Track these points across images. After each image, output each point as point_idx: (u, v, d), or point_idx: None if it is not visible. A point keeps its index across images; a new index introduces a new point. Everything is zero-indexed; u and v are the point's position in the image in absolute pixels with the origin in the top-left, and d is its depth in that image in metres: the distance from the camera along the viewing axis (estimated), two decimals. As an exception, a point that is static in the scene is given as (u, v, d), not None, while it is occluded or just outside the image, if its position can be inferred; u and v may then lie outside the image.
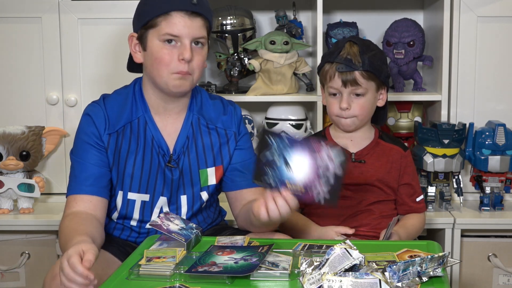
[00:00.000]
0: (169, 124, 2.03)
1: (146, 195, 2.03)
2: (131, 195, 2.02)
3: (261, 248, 1.73)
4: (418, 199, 2.24)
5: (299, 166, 1.70)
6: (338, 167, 1.71)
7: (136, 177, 2.00)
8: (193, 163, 2.03)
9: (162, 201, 2.04)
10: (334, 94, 2.14)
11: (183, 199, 2.04)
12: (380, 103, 2.18)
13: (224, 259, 1.66)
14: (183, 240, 1.76)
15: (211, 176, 2.06)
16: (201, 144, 2.04)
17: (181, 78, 1.94)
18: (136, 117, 2.01)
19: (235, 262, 1.64)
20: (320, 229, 2.13)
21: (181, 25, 1.91)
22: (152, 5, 1.93)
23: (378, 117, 2.24)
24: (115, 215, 2.06)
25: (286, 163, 1.69)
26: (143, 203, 2.03)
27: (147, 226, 2.03)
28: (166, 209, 2.03)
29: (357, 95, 2.11)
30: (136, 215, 2.04)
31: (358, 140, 2.20)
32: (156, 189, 2.02)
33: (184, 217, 2.02)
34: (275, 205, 1.74)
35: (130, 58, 2.06)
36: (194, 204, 2.06)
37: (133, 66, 2.09)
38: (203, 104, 2.08)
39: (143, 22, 1.95)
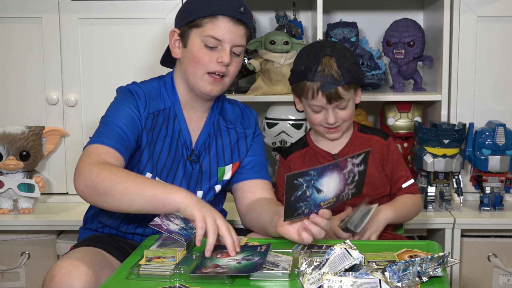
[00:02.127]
0: (194, 121, 2.07)
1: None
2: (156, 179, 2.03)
3: (259, 247, 1.73)
4: (405, 185, 2.19)
5: (330, 186, 1.74)
6: (361, 164, 1.78)
7: (161, 162, 2.02)
8: (213, 160, 2.08)
9: None
10: (318, 112, 2.13)
11: (199, 194, 2.07)
12: (357, 100, 2.17)
13: (226, 261, 1.66)
14: (183, 240, 1.76)
15: (228, 172, 2.10)
16: (221, 143, 2.09)
17: (214, 82, 1.98)
18: (168, 106, 2.05)
19: (238, 263, 1.64)
20: None
21: (225, 30, 1.95)
22: (201, 6, 1.97)
23: None
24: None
25: (318, 190, 1.73)
26: None
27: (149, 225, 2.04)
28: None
29: (341, 108, 2.11)
30: None
31: (339, 140, 2.20)
32: (175, 178, 2.04)
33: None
34: (317, 228, 1.76)
35: (166, 52, 2.10)
36: (206, 199, 2.08)
37: (166, 60, 2.13)
38: (223, 107, 2.13)
39: (189, 20, 1.98)
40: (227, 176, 2.10)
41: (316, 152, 2.21)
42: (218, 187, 2.10)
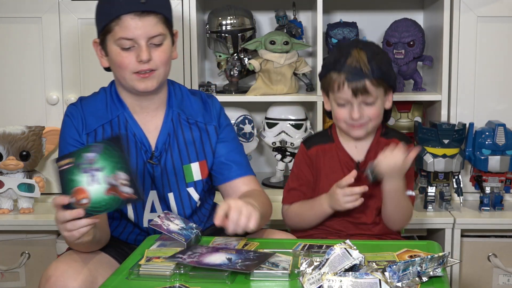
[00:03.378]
0: (149, 122, 2.03)
1: None
2: None
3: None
4: (408, 193, 2.14)
5: None
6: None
7: None
8: (176, 159, 2.03)
9: (152, 195, 2.03)
10: (343, 106, 2.07)
11: (170, 196, 2.04)
12: (388, 106, 2.12)
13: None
14: (183, 240, 1.76)
15: (196, 172, 2.05)
16: (183, 140, 2.04)
17: (143, 79, 1.94)
18: (116, 115, 2.02)
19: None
20: (326, 196, 2.09)
21: (133, 27, 1.89)
22: (105, 11, 1.93)
23: (383, 117, 2.16)
24: (111, 214, 2.05)
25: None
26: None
27: (147, 225, 2.03)
28: (157, 204, 2.03)
29: (368, 103, 2.05)
30: (130, 212, 2.04)
31: (363, 144, 2.15)
32: (145, 183, 2.02)
33: (171, 212, 2.01)
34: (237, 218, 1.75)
35: None
36: (183, 202, 2.05)
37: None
38: (183, 99, 2.07)
39: (100, 28, 1.96)
40: (197, 176, 2.05)
41: (340, 154, 2.15)
42: (193, 192, 2.05)
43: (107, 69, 2.06)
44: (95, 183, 1.63)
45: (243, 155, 2.10)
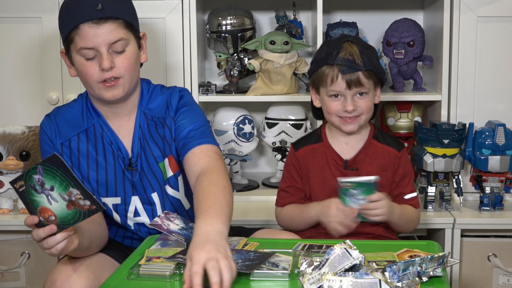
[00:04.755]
0: (122, 127, 2.02)
1: (117, 198, 2.02)
2: (103, 200, 2.01)
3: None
4: (407, 196, 2.17)
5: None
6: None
7: (101, 182, 2.00)
8: (152, 161, 2.01)
9: (134, 201, 2.03)
10: (335, 96, 2.09)
11: (154, 196, 2.03)
12: (376, 100, 2.15)
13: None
14: (183, 240, 1.76)
15: (167, 168, 2.02)
16: (152, 140, 2.01)
17: (109, 87, 1.91)
18: (91, 124, 2.01)
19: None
20: (317, 205, 2.09)
21: (91, 35, 1.86)
22: (64, 21, 1.91)
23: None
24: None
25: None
26: (115, 206, 2.03)
27: (134, 228, 2.04)
28: (140, 207, 2.03)
29: (361, 94, 2.07)
30: (116, 218, 2.04)
31: (353, 143, 2.16)
32: (125, 191, 2.01)
33: (171, 212, 2.00)
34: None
35: None
36: (165, 202, 2.04)
37: None
38: (150, 98, 2.04)
39: (63, 38, 1.93)
40: (169, 173, 2.02)
41: (327, 152, 2.17)
42: (170, 190, 2.03)
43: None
44: (53, 201, 1.62)
45: (199, 123, 1.99)
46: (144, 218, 2.03)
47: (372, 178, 1.99)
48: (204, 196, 1.73)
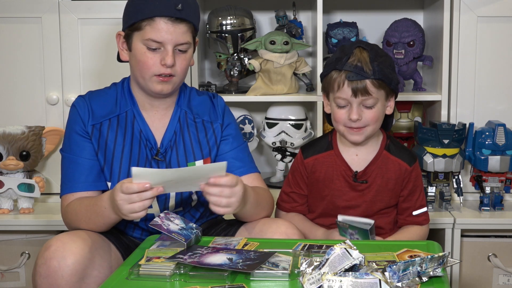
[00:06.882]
0: (157, 120, 2.06)
1: None
2: None
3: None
4: (416, 212, 2.14)
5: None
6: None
7: (124, 169, 2.02)
8: (181, 157, 2.04)
9: None
10: (342, 106, 2.03)
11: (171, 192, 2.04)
12: (389, 111, 2.08)
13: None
14: (183, 240, 1.76)
15: None
16: (189, 138, 2.06)
17: (162, 82, 1.96)
18: (124, 110, 2.04)
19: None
20: (324, 233, 2.10)
21: (165, 31, 1.92)
22: (138, 8, 1.94)
23: (384, 123, 2.12)
24: None
25: None
26: None
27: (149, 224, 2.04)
28: (154, 199, 2.03)
29: (368, 107, 2.01)
30: None
31: (364, 155, 2.11)
32: None
33: (171, 212, 2.01)
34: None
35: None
36: (182, 198, 2.05)
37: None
38: (191, 99, 2.10)
39: (129, 23, 1.97)
40: None
41: (338, 162, 2.11)
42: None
43: (120, 60, 2.07)
44: None
45: (247, 153, 2.11)
46: (155, 209, 2.04)
47: (368, 222, 1.95)
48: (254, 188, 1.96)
